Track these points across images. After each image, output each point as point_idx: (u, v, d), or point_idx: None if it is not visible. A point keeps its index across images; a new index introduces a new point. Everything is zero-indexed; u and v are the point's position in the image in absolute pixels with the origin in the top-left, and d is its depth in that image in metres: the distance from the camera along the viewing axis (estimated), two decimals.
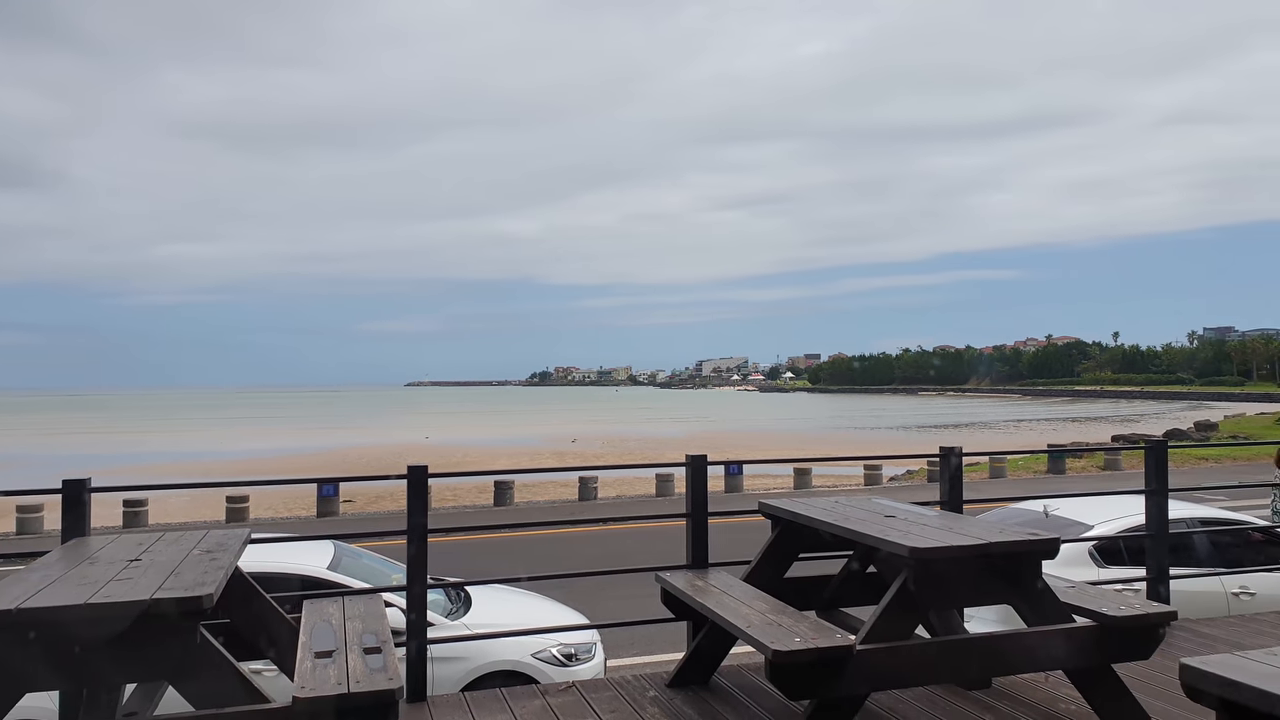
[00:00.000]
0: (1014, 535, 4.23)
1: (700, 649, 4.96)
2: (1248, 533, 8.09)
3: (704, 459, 5.62)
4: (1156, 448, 6.78)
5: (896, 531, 4.29)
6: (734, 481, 24.93)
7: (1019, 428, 66.62)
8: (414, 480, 4.82)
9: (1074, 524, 7.81)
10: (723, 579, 4.98)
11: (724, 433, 62.65)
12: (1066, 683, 4.52)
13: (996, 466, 26.97)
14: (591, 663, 6.81)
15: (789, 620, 4.11)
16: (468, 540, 15.56)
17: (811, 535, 5.05)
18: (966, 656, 4.10)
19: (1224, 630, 6.13)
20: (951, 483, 6.03)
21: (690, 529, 5.53)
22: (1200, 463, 27.95)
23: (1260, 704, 2.37)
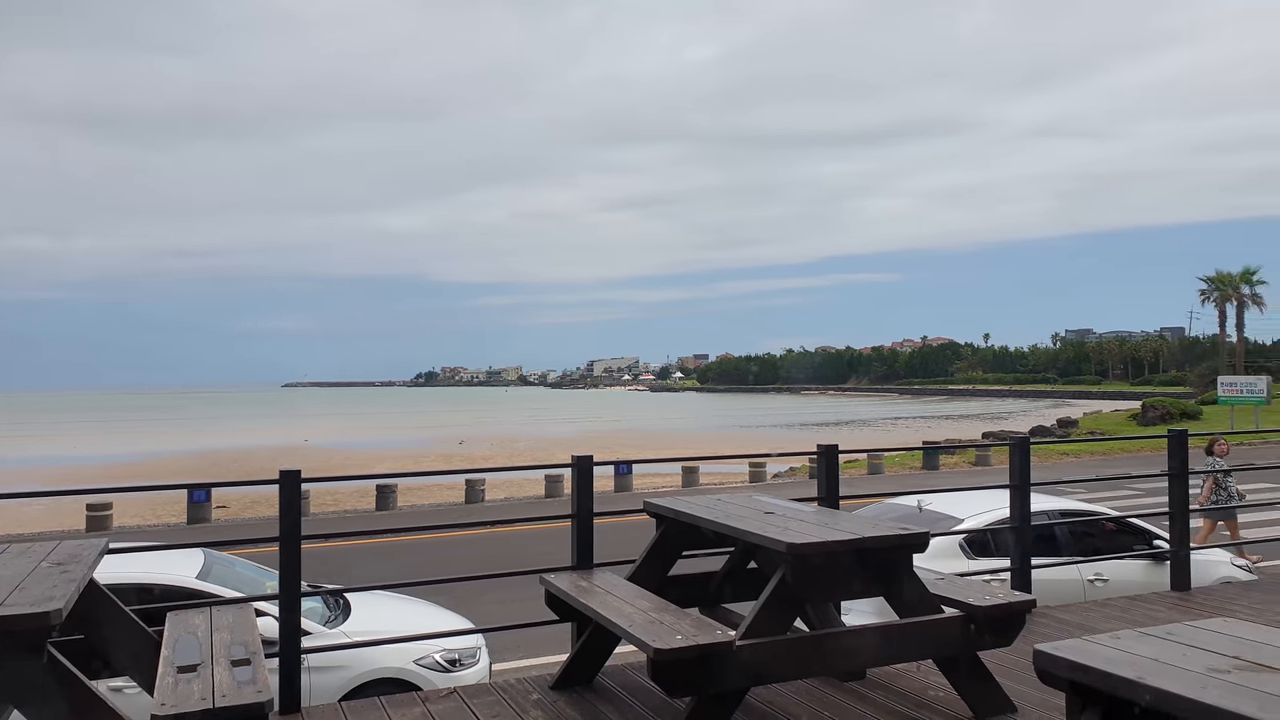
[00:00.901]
0: (886, 530, 4.37)
1: (584, 650, 4.95)
2: (1102, 523, 8.58)
3: (589, 460, 5.62)
4: (1020, 445, 7.12)
5: (775, 528, 4.38)
6: (623, 481, 25.03)
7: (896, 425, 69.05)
8: (286, 485, 4.65)
9: (946, 518, 8.13)
10: (607, 579, 4.98)
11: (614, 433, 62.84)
12: (937, 671, 4.70)
13: (874, 463, 27.90)
14: (476, 667, 6.72)
15: (671, 618, 4.14)
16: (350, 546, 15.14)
17: (695, 533, 5.11)
18: (841, 649, 4.22)
19: (1080, 615, 6.48)
20: (829, 479, 6.19)
21: (575, 530, 5.51)
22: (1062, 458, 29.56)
23: (1104, 685, 2.52)
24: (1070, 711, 2.70)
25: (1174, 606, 6.84)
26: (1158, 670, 2.54)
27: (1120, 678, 2.51)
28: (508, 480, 27.73)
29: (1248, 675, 2.50)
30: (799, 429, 68.09)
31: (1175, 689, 2.41)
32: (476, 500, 23.43)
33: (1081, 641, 2.78)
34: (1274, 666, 2.55)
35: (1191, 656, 2.65)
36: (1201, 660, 2.61)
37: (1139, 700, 2.47)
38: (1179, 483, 7.50)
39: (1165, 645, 2.75)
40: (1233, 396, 36.34)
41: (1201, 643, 2.77)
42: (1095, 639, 2.80)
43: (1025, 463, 6.94)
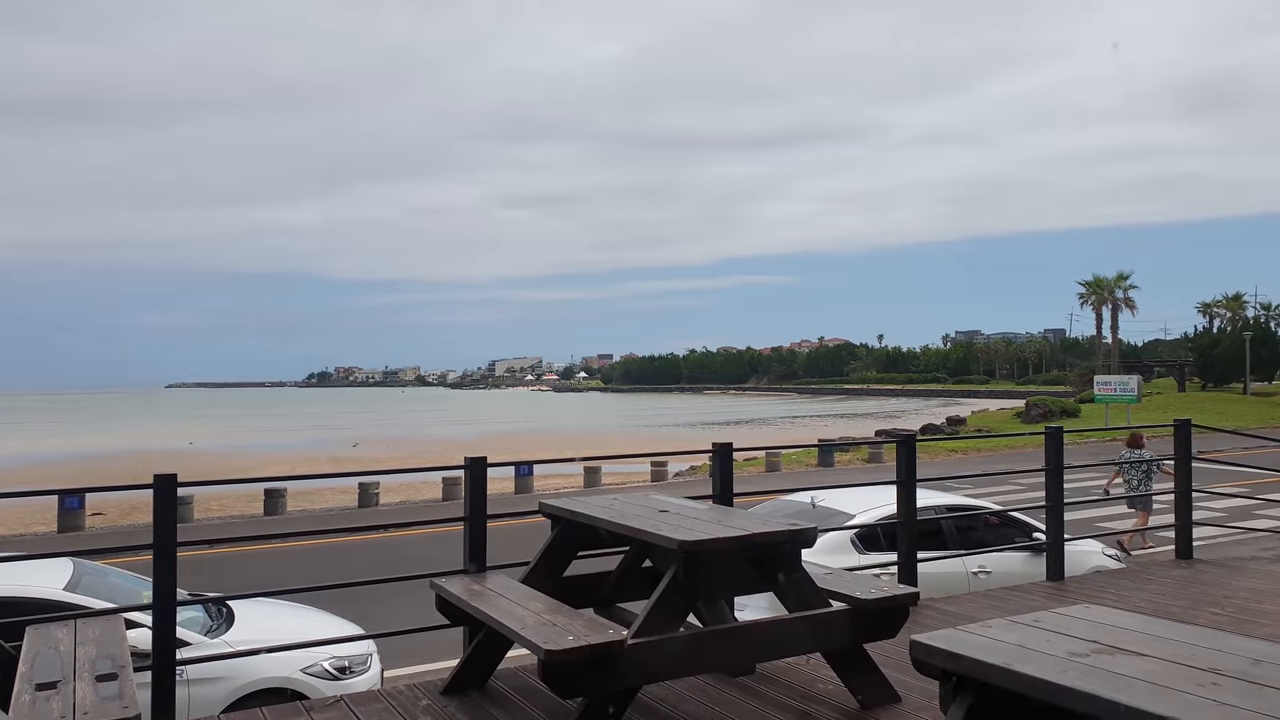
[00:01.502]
0: (776, 526, 4.45)
1: (476, 653, 4.89)
2: (986, 518, 8.94)
3: (483, 461, 5.55)
4: (906, 443, 7.35)
5: (668, 526, 4.40)
6: (524, 483, 24.86)
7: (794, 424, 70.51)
8: (161, 489, 4.45)
9: (838, 513, 8.33)
10: (500, 581, 4.93)
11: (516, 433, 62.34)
12: (826, 664, 4.81)
13: (772, 461, 28.43)
14: (367, 674, 6.58)
15: (563, 619, 4.12)
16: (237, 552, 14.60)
17: (590, 533, 5.10)
18: (732, 645, 4.27)
19: (962, 606, 6.72)
20: (723, 477, 6.26)
21: (468, 532, 5.44)
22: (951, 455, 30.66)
23: (974, 672, 2.62)
24: (943, 698, 2.80)
25: (1048, 595, 7.17)
26: (1023, 656, 2.65)
27: (989, 664, 2.61)
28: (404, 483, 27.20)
29: (1104, 658, 2.63)
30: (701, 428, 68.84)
31: (1038, 673, 2.52)
32: (370, 504, 22.90)
33: (954, 631, 2.88)
34: (1128, 649, 2.69)
35: (1055, 642, 2.77)
36: (1063, 645, 2.74)
37: (1006, 685, 2.57)
38: (1055, 478, 7.86)
39: (1031, 632, 2.88)
40: (1108, 395, 38.36)
41: (1064, 629, 2.91)
42: (967, 628, 2.91)
43: (911, 460, 7.17)
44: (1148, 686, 2.42)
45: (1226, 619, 6.63)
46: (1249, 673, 2.49)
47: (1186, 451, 8.78)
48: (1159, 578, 8.08)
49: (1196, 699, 2.32)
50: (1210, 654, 2.64)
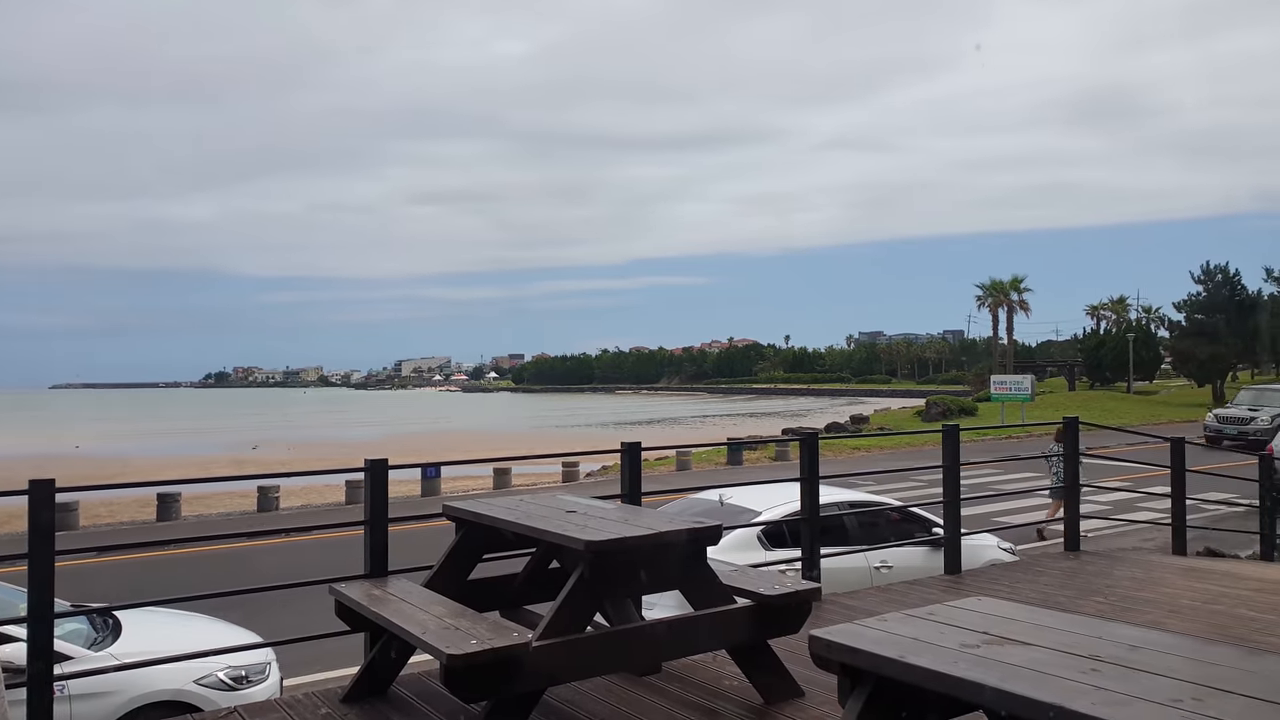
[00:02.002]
0: (681, 524, 4.47)
1: (378, 660, 4.78)
2: (887, 513, 9.17)
3: (384, 463, 5.43)
4: (809, 441, 7.48)
5: (574, 526, 4.39)
6: (431, 485, 24.45)
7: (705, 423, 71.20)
8: (36, 495, 4.22)
9: (745, 511, 8.43)
10: (402, 586, 4.84)
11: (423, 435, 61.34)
12: (732, 661, 4.86)
13: (683, 459, 28.64)
14: (265, 684, 6.38)
15: (467, 623, 4.07)
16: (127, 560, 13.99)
17: (496, 535, 5.04)
18: (638, 644, 4.28)
19: (864, 601, 6.88)
20: (632, 476, 6.28)
21: (369, 536, 5.32)
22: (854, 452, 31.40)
23: (870, 665, 2.68)
24: (841, 692, 2.85)
25: (946, 589, 7.39)
26: (917, 648, 2.73)
27: (884, 657, 2.67)
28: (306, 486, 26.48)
29: (994, 648, 2.72)
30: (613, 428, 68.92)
31: (931, 665, 2.59)
32: (270, 508, 22.21)
33: (852, 626, 2.94)
34: (1016, 639, 2.79)
35: (948, 634, 2.86)
36: (956, 637, 2.83)
37: (901, 677, 2.64)
38: (952, 474, 8.12)
39: (926, 625, 2.96)
40: (1003, 394, 39.85)
41: (957, 621, 3.00)
42: (864, 622, 2.98)
43: (814, 458, 7.30)
44: (1033, 674, 2.51)
45: (1110, 607, 6.95)
46: (1126, 658, 2.61)
47: (1074, 448, 9.18)
48: (1049, 569, 8.43)
49: (1078, 685, 2.42)
50: (1091, 641, 2.76)
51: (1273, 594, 7.53)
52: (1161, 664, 2.55)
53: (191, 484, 17.64)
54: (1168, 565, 8.88)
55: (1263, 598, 7.37)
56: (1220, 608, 6.97)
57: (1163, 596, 7.32)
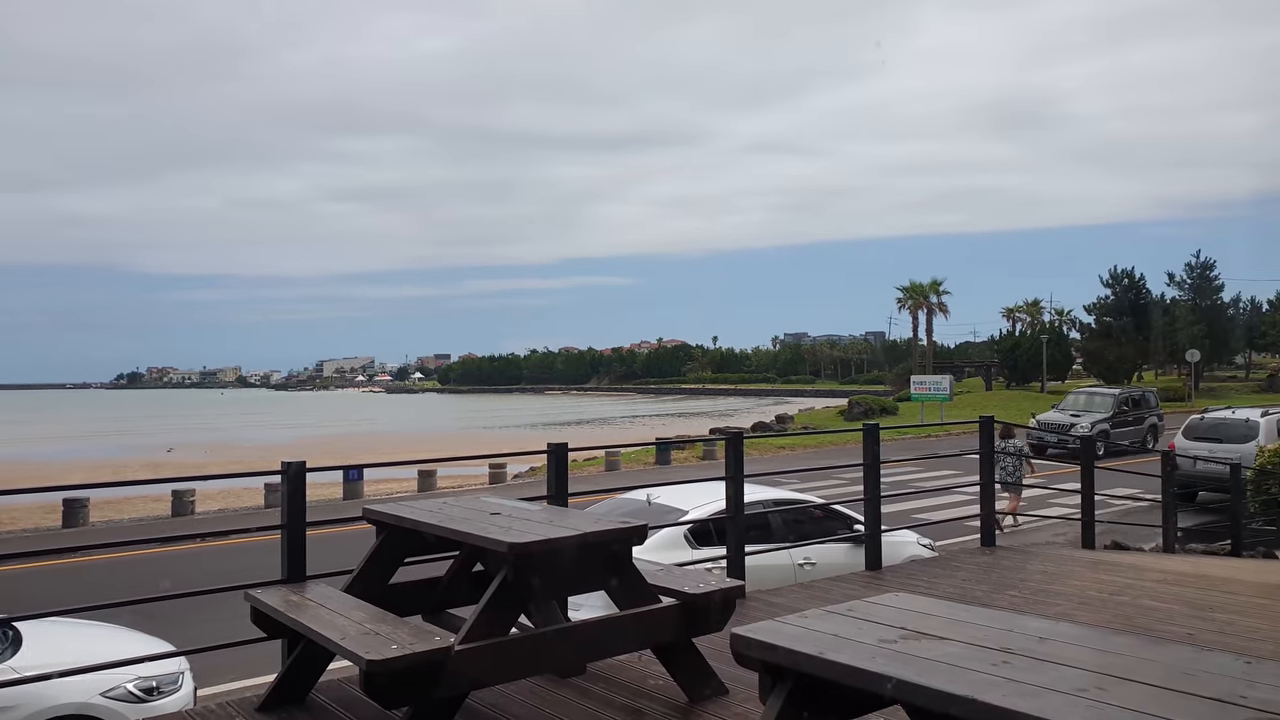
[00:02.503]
0: (607, 525, 4.47)
1: (295, 667, 4.67)
2: (811, 511, 9.31)
3: (302, 465, 5.31)
4: (734, 439, 7.55)
5: (498, 528, 4.34)
6: (353, 488, 24.00)
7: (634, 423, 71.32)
8: None
9: (672, 510, 8.47)
10: (321, 591, 4.73)
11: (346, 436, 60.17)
12: (657, 660, 4.87)
13: (611, 460, 28.66)
14: (178, 694, 6.17)
15: (388, 628, 3.99)
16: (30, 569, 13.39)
17: (418, 538, 4.96)
18: (562, 646, 4.26)
19: (787, 598, 6.97)
20: (558, 477, 6.25)
21: (285, 541, 5.19)
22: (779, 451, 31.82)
23: (789, 662, 2.71)
24: (762, 689, 2.88)
25: (867, 585, 7.54)
26: (836, 644, 2.77)
27: (804, 654, 2.71)
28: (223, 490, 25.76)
29: (911, 643, 2.78)
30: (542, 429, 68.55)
31: (849, 660, 2.64)
32: (185, 513, 21.53)
33: (772, 623, 2.97)
34: (932, 634, 2.85)
35: (866, 629, 2.91)
36: (874, 632, 2.88)
37: (820, 673, 2.68)
38: (872, 472, 8.28)
39: (845, 621, 3.01)
40: (923, 394, 40.83)
41: (875, 616, 3.06)
42: (784, 619, 3.01)
43: (739, 456, 7.37)
44: (947, 668, 2.57)
45: (1023, 600, 7.17)
46: (1036, 649, 2.69)
47: (989, 445, 9.44)
48: (965, 564, 8.66)
49: (990, 676, 2.49)
50: (1003, 634, 2.83)
51: (1174, 585, 7.87)
52: (1069, 655, 2.64)
53: (101, 488, 16.99)
54: (1077, 559, 9.20)
55: (1164, 588, 7.69)
56: (1125, 599, 7.24)
57: (1072, 589, 7.57)
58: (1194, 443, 19.07)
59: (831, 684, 2.71)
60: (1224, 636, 6.06)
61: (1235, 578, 8.54)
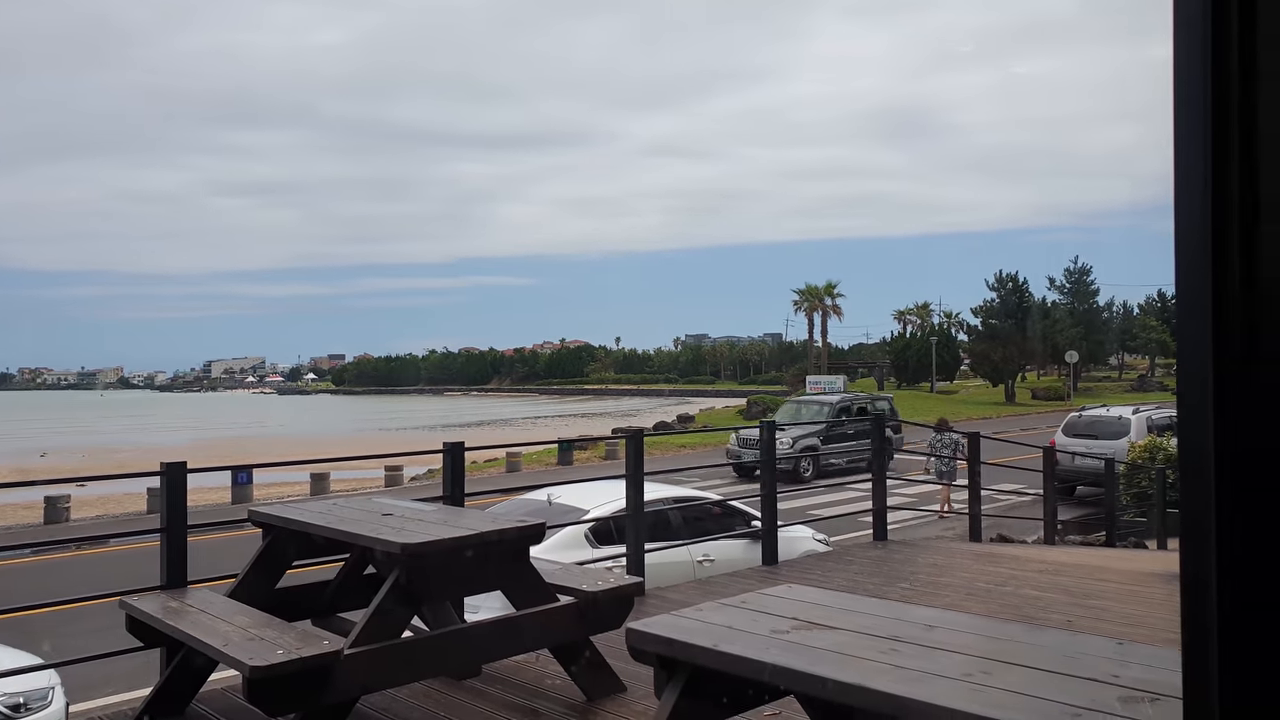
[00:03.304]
0: (503, 524, 4.41)
1: (175, 677, 4.44)
2: (710, 508, 9.40)
3: (182, 466, 5.07)
4: (635, 438, 7.57)
5: (390, 529, 4.23)
6: (243, 491, 23.19)
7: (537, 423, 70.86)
8: None
9: (573, 509, 8.43)
10: (202, 597, 4.53)
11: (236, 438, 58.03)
12: (555, 660, 4.82)
13: (513, 460, 28.41)
14: (48, 710, 5.83)
15: (274, 633, 3.85)
16: None
17: (306, 541, 4.80)
18: (456, 647, 4.18)
19: (685, 594, 7.01)
20: (454, 477, 6.14)
21: (165, 546, 4.95)
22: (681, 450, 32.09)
23: (684, 655, 2.71)
24: (658, 683, 2.88)
25: (763, 579, 7.64)
26: (730, 636, 2.78)
27: (699, 646, 2.71)
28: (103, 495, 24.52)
29: (803, 634, 2.82)
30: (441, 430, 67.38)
31: (742, 652, 2.65)
32: (60, 519, 20.41)
33: (667, 617, 2.97)
34: (823, 624, 2.90)
35: (760, 621, 2.94)
36: (767, 624, 2.91)
37: (714, 665, 2.68)
38: (769, 469, 8.41)
39: (739, 613, 3.03)
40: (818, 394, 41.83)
41: (769, 608, 3.09)
42: (680, 613, 3.02)
43: (639, 455, 7.38)
44: (837, 656, 2.61)
45: (914, 592, 7.39)
46: (922, 638, 2.76)
47: (880, 443, 9.70)
48: (859, 558, 8.87)
49: (877, 665, 2.54)
50: (892, 624, 2.90)
51: (1054, 574, 8.23)
52: (954, 642, 2.71)
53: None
54: (965, 551, 9.54)
55: (1045, 578, 8.03)
56: (1010, 589, 7.54)
57: (960, 580, 7.84)
58: (1072, 439, 20.01)
59: (726, 675, 2.73)
60: (1099, 622, 6.36)
61: (1109, 566, 9.00)
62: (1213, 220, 1.10)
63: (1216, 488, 1.05)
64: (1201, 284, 1.08)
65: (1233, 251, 1.11)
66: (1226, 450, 1.05)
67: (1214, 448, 1.07)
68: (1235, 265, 1.14)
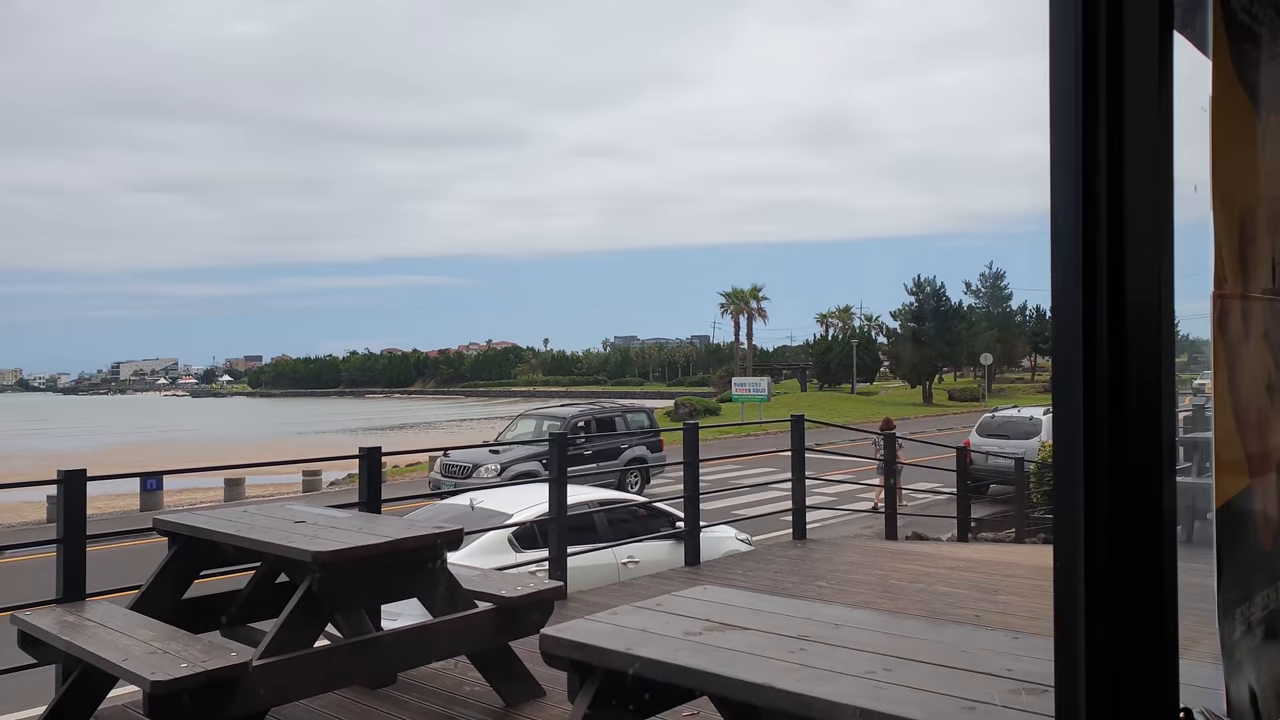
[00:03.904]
0: (419, 531, 4.36)
1: (71, 694, 4.27)
2: (635, 510, 9.43)
3: (81, 474, 4.89)
4: (558, 441, 7.55)
5: (302, 537, 4.15)
6: (152, 498, 22.42)
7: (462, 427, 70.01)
8: None
9: (497, 514, 8.36)
10: (102, 610, 4.37)
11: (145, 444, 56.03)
12: (474, 666, 4.78)
13: None
14: None
15: (178, 646, 3.73)
16: None
17: (215, 550, 4.67)
18: (370, 656, 4.12)
19: (607, 597, 7.01)
20: (370, 483, 6.04)
21: (62, 556, 4.76)
22: None
23: (597, 659, 2.72)
24: (571, 688, 2.88)
25: (686, 580, 7.70)
26: (643, 639, 2.80)
27: (611, 650, 2.73)
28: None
29: (714, 635, 2.85)
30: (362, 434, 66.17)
31: (654, 654, 2.67)
32: None
33: (582, 621, 2.98)
34: (735, 625, 2.94)
35: (672, 623, 2.96)
36: (680, 626, 2.94)
37: (626, 669, 2.70)
38: (691, 470, 8.48)
39: (653, 616, 3.05)
40: (743, 395, 42.29)
41: (682, 610, 3.12)
42: (594, 617, 3.02)
43: (563, 459, 7.37)
44: (748, 657, 2.65)
45: (831, 590, 7.53)
46: (830, 636, 2.82)
47: (800, 443, 9.85)
48: (778, 557, 9.01)
49: (785, 664, 2.58)
50: (801, 623, 2.95)
51: (965, 571, 8.47)
52: (861, 639, 2.78)
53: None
54: (881, 549, 9.76)
55: (957, 574, 8.26)
56: (922, 585, 7.73)
57: (875, 578, 8.02)
58: (986, 439, 20.63)
59: (639, 678, 2.74)
60: (1005, 616, 6.58)
61: (1017, 562, 9.30)
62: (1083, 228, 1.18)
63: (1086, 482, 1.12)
64: (1074, 292, 1.16)
65: (1100, 260, 1.19)
66: (1095, 438, 1.13)
67: (1084, 439, 1.15)
68: (1101, 278, 1.22)
